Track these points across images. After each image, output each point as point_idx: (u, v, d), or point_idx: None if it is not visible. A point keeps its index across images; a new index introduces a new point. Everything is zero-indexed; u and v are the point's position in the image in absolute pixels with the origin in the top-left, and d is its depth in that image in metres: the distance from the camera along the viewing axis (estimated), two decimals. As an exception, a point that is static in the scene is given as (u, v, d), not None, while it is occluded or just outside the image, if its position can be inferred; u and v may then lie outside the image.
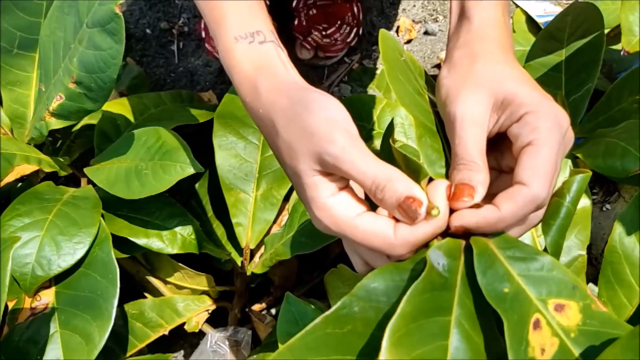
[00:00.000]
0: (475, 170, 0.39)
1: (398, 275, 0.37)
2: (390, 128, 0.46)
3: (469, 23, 0.46)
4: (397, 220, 0.38)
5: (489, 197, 0.41)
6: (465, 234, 0.39)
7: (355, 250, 0.42)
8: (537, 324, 0.34)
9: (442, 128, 0.45)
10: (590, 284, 0.62)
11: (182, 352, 0.91)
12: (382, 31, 0.49)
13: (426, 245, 0.39)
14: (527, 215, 0.38)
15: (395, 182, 0.37)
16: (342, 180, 0.40)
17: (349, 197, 0.40)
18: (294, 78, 0.45)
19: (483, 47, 0.45)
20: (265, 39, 0.46)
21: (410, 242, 0.37)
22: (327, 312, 0.35)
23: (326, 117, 0.39)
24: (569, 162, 0.64)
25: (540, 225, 0.43)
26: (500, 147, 0.43)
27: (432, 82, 0.51)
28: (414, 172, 0.39)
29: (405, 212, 0.37)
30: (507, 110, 0.41)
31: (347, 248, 0.43)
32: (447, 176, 0.44)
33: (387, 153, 0.43)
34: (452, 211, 0.39)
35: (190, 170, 0.63)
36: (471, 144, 0.40)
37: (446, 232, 0.40)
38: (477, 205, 0.39)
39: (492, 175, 0.43)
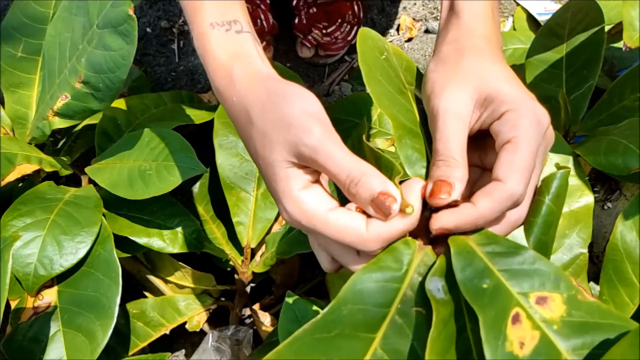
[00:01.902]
0: (453, 166, 0.40)
1: (382, 276, 0.37)
2: (363, 125, 0.45)
3: (457, 18, 0.47)
4: (368, 216, 0.38)
5: (472, 196, 0.41)
6: (446, 235, 0.39)
7: (324, 247, 0.41)
8: (516, 318, 0.34)
9: (427, 125, 0.45)
10: (592, 283, 0.62)
11: (183, 351, 0.91)
12: (362, 30, 0.49)
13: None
14: (505, 211, 0.38)
15: (370, 177, 0.37)
16: (315, 174, 0.40)
17: (321, 191, 0.39)
18: (270, 70, 0.44)
19: (471, 43, 0.45)
20: (242, 29, 0.46)
21: (383, 238, 0.37)
22: (316, 318, 0.35)
23: (304, 109, 0.39)
24: (571, 159, 0.64)
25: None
26: (484, 146, 0.43)
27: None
28: (387, 169, 0.39)
29: (378, 207, 0.37)
30: (489, 107, 0.41)
31: (314, 244, 0.42)
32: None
33: (361, 151, 0.43)
34: (430, 209, 0.40)
35: (195, 172, 0.63)
36: (452, 139, 0.41)
37: (428, 236, 0.40)
38: (455, 203, 0.39)
39: (476, 173, 0.44)
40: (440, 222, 0.38)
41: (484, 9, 0.47)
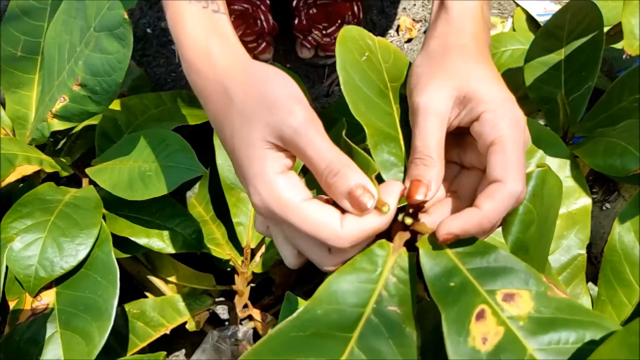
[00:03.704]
0: (430, 165, 0.40)
1: (357, 277, 0.38)
2: (342, 122, 0.45)
3: (447, 14, 0.47)
4: (342, 212, 0.37)
5: (450, 194, 0.43)
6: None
7: (291, 239, 0.39)
8: (481, 315, 0.34)
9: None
10: (590, 283, 0.62)
11: (183, 351, 0.91)
12: (342, 32, 0.48)
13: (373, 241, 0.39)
14: (508, 210, 0.39)
15: (349, 170, 0.37)
16: (292, 160, 0.38)
17: (297, 179, 0.38)
18: (247, 54, 0.43)
19: (457, 41, 0.45)
20: (219, 10, 0.45)
21: (357, 235, 0.37)
22: (291, 317, 0.36)
23: (287, 91, 0.38)
24: (569, 161, 0.64)
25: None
26: (464, 143, 0.44)
27: None
28: (363, 166, 0.39)
29: (355, 201, 0.36)
30: (467, 105, 0.41)
31: (278, 236, 0.40)
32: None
33: (340, 148, 0.43)
34: (405, 212, 0.40)
35: (194, 173, 0.63)
36: (430, 137, 0.41)
37: (402, 239, 0.41)
38: (456, 207, 0.40)
39: (454, 170, 0.45)
40: (447, 228, 0.38)
41: (474, 6, 0.47)
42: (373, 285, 0.38)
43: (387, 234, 0.41)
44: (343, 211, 0.37)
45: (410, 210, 0.41)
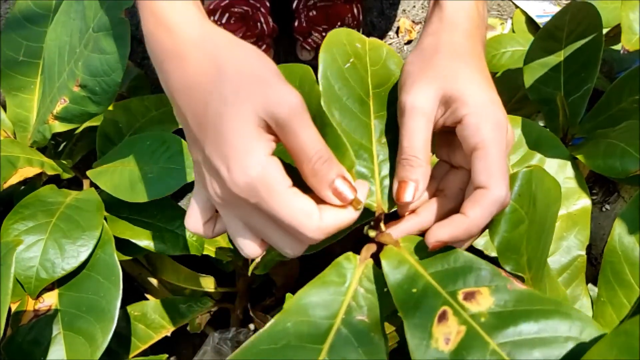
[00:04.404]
0: (416, 166, 0.41)
1: (326, 291, 0.39)
2: (322, 113, 0.45)
3: (440, 10, 0.47)
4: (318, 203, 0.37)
5: (438, 192, 0.44)
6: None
7: (259, 227, 0.37)
8: (443, 316, 0.35)
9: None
10: (590, 284, 0.62)
11: (184, 352, 0.91)
12: (327, 38, 0.48)
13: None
14: (494, 214, 0.40)
15: (335, 160, 0.37)
16: (275, 144, 0.36)
17: (280, 164, 0.36)
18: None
19: (449, 38, 0.45)
20: None
21: (332, 228, 0.37)
22: (262, 330, 0.37)
23: (277, 71, 0.37)
24: (569, 162, 0.64)
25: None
26: (452, 143, 0.44)
27: None
28: (338, 146, 0.41)
29: (338, 192, 0.37)
30: (451, 106, 0.42)
31: (237, 225, 0.38)
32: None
33: None
34: (370, 225, 0.42)
35: (196, 175, 0.64)
36: (416, 136, 0.41)
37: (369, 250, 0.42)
38: (442, 207, 0.42)
39: (444, 169, 0.45)
40: (435, 235, 0.39)
41: (469, 4, 0.46)
42: (342, 297, 0.39)
43: (354, 247, 0.42)
44: (320, 202, 0.37)
45: (381, 225, 0.43)
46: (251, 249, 0.39)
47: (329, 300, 0.39)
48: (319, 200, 0.37)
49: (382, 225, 0.44)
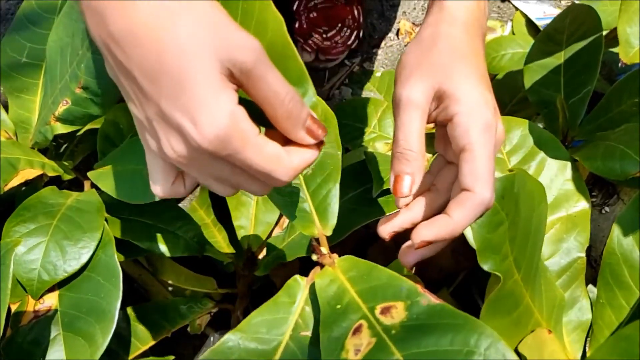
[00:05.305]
0: (411, 159, 0.42)
1: (276, 310, 0.44)
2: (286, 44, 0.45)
3: (440, 1, 0.46)
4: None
5: (432, 187, 0.45)
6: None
7: (229, 177, 0.37)
8: (358, 329, 0.38)
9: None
10: (590, 286, 0.62)
11: (185, 354, 0.91)
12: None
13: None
14: (478, 216, 0.41)
15: (302, 100, 0.37)
16: (236, 94, 0.34)
17: (246, 113, 0.34)
18: None
19: (447, 31, 0.45)
20: None
21: (300, 168, 0.37)
22: (214, 346, 0.41)
23: (230, 17, 0.34)
24: (569, 164, 0.64)
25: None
26: (446, 138, 0.44)
27: None
28: (297, 72, 0.43)
29: (311, 130, 0.37)
30: (443, 102, 0.42)
31: (207, 176, 0.37)
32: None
33: None
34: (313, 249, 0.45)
35: (196, 175, 0.64)
36: (410, 129, 0.42)
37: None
38: (432, 202, 0.44)
39: (440, 163, 0.46)
40: (420, 236, 0.41)
41: None
42: (290, 315, 0.43)
43: (302, 270, 0.47)
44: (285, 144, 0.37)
45: (320, 248, 0.47)
46: (224, 193, 0.39)
47: (279, 319, 0.43)
48: (283, 143, 0.37)
49: (321, 248, 0.47)
